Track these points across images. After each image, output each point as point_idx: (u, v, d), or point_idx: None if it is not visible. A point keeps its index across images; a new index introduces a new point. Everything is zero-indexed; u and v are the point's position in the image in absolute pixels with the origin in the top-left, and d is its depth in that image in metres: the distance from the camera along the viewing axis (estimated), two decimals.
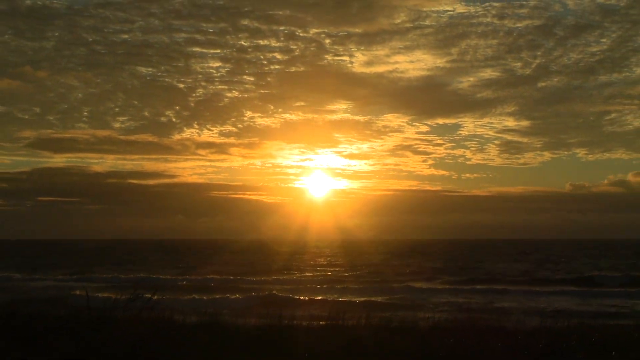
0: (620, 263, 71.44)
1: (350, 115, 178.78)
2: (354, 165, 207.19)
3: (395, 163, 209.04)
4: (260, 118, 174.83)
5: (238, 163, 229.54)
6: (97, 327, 9.84)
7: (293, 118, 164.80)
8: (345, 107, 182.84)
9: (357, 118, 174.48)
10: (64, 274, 55.48)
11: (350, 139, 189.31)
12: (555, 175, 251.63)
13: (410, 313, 13.62)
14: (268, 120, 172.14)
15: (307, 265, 70.78)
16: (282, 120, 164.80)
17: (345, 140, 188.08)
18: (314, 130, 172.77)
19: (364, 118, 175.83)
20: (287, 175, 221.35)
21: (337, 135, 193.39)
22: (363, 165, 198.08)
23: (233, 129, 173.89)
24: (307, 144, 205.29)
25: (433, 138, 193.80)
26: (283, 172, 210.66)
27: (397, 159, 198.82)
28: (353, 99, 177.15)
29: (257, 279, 50.12)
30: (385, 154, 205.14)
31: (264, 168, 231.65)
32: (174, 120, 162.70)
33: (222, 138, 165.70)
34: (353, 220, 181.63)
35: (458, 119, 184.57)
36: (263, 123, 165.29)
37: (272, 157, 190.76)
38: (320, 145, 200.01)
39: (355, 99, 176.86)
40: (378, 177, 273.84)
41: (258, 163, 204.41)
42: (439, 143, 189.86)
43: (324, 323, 11.78)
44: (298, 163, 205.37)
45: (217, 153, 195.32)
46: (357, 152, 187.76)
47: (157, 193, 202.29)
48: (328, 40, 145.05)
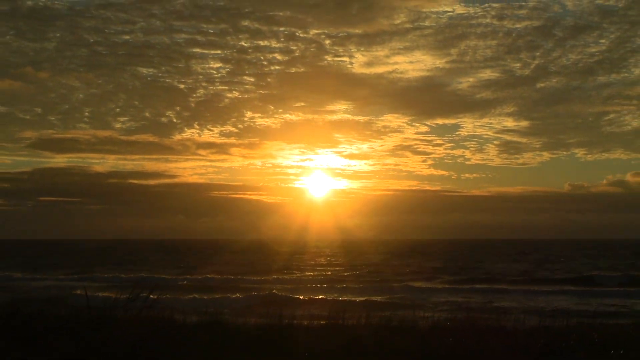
0: (619, 263, 71.53)
1: (350, 116, 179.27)
2: (354, 166, 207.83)
3: (395, 163, 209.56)
4: (261, 118, 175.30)
5: (238, 163, 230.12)
6: (97, 326, 9.83)
7: (293, 118, 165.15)
8: (345, 107, 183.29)
9: (357, 118, 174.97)
10: (65, 274, 55.61)
11: (350, 139, 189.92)
12: (554, 176, 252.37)
13: (410, 312, 13.64)
14: (268, 121, 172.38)
15: (307, 265, 70.86)
16: (282, 121, 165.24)
17: (345, 141, 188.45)
18: (314, 131, 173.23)
19: (364, 118, 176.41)
20: (287, 176, 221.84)
21: (337, 136, 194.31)
22: (363, 166, 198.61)
23: (233, 129, 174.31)
24: (307, 144, 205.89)
25: (432, 138, 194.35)
26: (283, 172, 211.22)
27: (396, 159, 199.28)
28: (353, 100, 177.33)
29: (257, 279, 50.19)
30: (385, 154, 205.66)
31: (264, 168, 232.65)
32: (175, 121, 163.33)
33: (222, 138, 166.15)
34: (353, 220, 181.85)
35: (457, 120, 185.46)
36: (263, 123, 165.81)
37: (272, 157, 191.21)
38: (321, 146, 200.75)
39: (355, 100, 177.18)
40: (378, 177, 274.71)
41: (258, 163, 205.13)
42: (439, 143, 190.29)
43: (324, 322, 11.77)
44: (298, 163, 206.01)
45: (217, 153, 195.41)
46: (357, 152, 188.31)
47: (157, 193, 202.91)
48: (328, 41, 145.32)
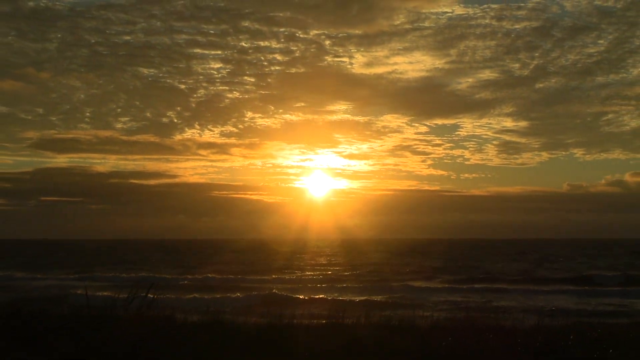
0: (618, 262, 71.58)
1: (350, 116, 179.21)
2: (354, 166, 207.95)
3: (395, 163, 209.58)
4: (261, 119, 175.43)
5: (239, 163, 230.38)
6: (97, 326, 9.85)
7: (293, 119, 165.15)
8: (345, 107, 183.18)
9: (356, 119, 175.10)
10: (66, 274, 55.63)
11: (350, 140, 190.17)
12: (553, 175, 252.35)
13: (410, 312, 13.69)
14: (268, 121, 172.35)
15: (307, 265, 70.87)
16: (282, 121, 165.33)
17: (345, 141, 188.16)
18: (314, 131, 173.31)
19: (364, 119, 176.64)
20: (287, 175, 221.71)
21: (337, 136, 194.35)
22: (363, 166, 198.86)
23: (234, 130, 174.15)
24: (307, 145, 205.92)
25: (432, 138, 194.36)
26: (283, 172, 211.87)
27: (396, 159, 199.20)
28: (353, 100, 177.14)
29: (257, 278, 50.18)
30: (385, 154, 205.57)
31: (265, 168, 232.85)
32: (176, 121, 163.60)
33: (223, 138, 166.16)
34: (353, 220, 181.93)
35: (457, 120, 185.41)
36: (264, 123, 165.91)
37: (272, 157, 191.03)
38: (321, 146, 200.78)
39: (355, 100, 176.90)
40: (377, 177, 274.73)
41: (259, 163, 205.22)
42: (438, 143, 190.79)
43: (324, 322, 11.82)
44: (298, 163, 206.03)
45: (218, 153, 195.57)
46: (356, 152, 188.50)
47: (158, 193, 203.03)
48: (328, 42, 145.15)
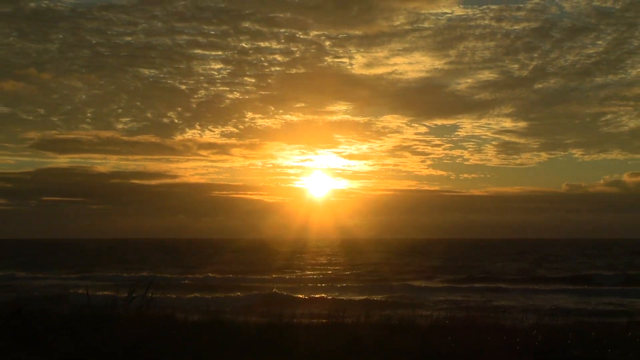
0: (617, 262, 71.68)
1: (350, 117, 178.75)
2: (354, 166, 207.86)
3: (395, 163, 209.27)
4: (261, 119, 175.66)
5: (239, 163, 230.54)
6: (97, 326, 9.83)
7: (293, 119, 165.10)
8: (345, 108, 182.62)
9: (356, 119, 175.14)
10: (67, 273, 55.77)
11: (350, 140, 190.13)
12: (552, 176, 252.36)
13: (410, 311, 13.75)
14: (269, 121, 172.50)
15: (307, 264, 70.96)
16: (282, 121, 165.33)
17: (345, 141, 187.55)
18: (314, 131, 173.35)
19: (364, 119, 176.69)
20: (287, 176, 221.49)
21: (337, 136, 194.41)
22: (362, 166, 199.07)
23: (234, 130, 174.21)
24: (307, 145, 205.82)
25: (431, 139, 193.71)
26: (283, 172, 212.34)
27: (396, 160, 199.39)
28: (353, 100, 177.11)
29: (258, 278, 50.24)
30: (385, 155, 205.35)
31: (265, 168, 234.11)
32: (176, 121, 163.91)
33: (223, 139, 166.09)
34: (353, 220, 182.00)
35: (456, 120, 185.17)
36: (264, 124, 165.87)
37: (272, 157, 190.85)
38: (321, 146, 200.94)
39: (355, 100, 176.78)
40: (377, 177, 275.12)
41: (259, 163, 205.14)
42: (438, 144, 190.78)
43: (325, 321, 11.79)
44: (298, 163, 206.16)
45: (218, 154, 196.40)
46: (356, 152, 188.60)
47: (159, 193, 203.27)
48: (328, 43, 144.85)
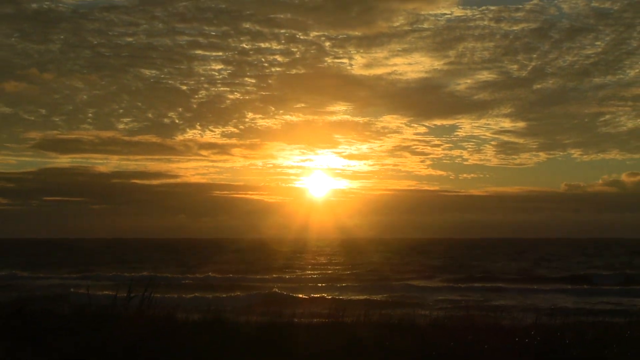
0: (616, 262, 71.71)
1: (350, 117, 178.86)
2: (354, 166, 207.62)
3: (394, 163, 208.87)
4: (262, 119, 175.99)
5: (240, 163, 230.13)
6: (97, 326, 9.84)
7: (294, 119, 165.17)
8: (345, 108, 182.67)
9: (356, 119, 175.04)
10: (68, 273, 55.84)
11: (350, 140, 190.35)
12: (551, 176, 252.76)
13: (410, 311, 13.84)
14: (269, 122, 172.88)
15: (307, 264, 70.99)
16: (282, 122, 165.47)
17: (345, 141, 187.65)
18: (314, 131, 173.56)
19: (363, 119, 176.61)
20: (287, 176, 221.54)
21: (337, 136, 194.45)
22: (362, 166, 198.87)
23: (235, 130, 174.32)
24: (307, 145, 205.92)
25: (431, 139, 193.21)
26: (284, 172, 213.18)
27: (395, 160, 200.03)
28: (352, 101, 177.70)
29: (258, 278, 50.32)
30: (384, 155, 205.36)
31: (265, 168, 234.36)
32: (177, 122, 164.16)
33: (224, 139, 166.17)
34: (353, 220, 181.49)
35: (455, 120, 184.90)
36: (264, 124, 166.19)
37: (273, 157, 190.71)
38: (321, 146, 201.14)
39: (355, 101, 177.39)
40: (377, 177, 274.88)
41: (259, 163, 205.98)
42: (437, 144, 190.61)
43: (325, 321, 11.78)
44: (298, 163, 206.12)
45: (219, 154, 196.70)
46: (356, 152, 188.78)
47: (160, 193, 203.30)
48: (328, 43, 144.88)
